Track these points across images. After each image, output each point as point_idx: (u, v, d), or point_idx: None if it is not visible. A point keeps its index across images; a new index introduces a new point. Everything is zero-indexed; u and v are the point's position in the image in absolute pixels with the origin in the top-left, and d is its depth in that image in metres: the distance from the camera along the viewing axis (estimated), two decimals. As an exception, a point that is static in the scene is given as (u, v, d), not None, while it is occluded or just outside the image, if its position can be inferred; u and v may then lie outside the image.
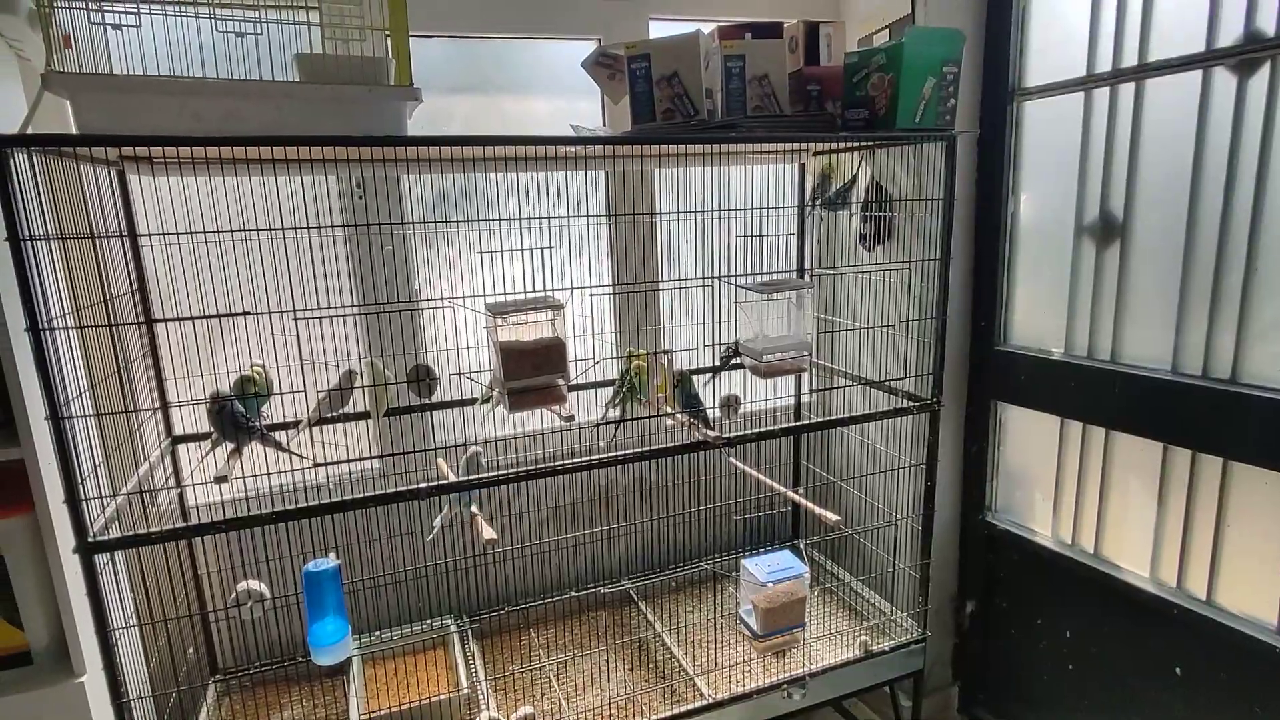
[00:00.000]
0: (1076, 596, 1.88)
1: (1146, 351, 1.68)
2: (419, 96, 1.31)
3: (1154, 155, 1.63)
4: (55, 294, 1.19)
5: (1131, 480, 1.75)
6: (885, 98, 1.58)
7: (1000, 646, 2.14)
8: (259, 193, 1.44)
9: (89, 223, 1.33)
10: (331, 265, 1.78)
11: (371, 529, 1.91)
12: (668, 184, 2.10)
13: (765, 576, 1.89)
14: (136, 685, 1.37)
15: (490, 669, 1.89)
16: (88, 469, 1.21)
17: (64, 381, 1.16)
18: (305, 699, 1.79)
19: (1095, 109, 1.73)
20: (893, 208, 1.96)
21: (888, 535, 2.09)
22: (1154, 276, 1.65)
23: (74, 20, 1.16)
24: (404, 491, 1.40)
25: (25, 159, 1.11)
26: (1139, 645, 1.74)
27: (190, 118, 1.18)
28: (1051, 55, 1.83)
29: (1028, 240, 1.95)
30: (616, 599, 2.20)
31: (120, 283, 1.57)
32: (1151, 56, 1.60)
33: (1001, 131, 1.93)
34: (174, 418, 1.71)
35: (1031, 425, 1.98)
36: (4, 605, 1.34)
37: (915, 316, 1.82)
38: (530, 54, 2.01)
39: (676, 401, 1.64)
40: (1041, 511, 1.98)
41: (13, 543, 1.32)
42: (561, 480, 2.13)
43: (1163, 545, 1.69)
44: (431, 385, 1.56)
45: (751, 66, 1.57)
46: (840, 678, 1.84)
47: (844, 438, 2.32)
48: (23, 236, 1.09)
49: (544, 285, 1.50)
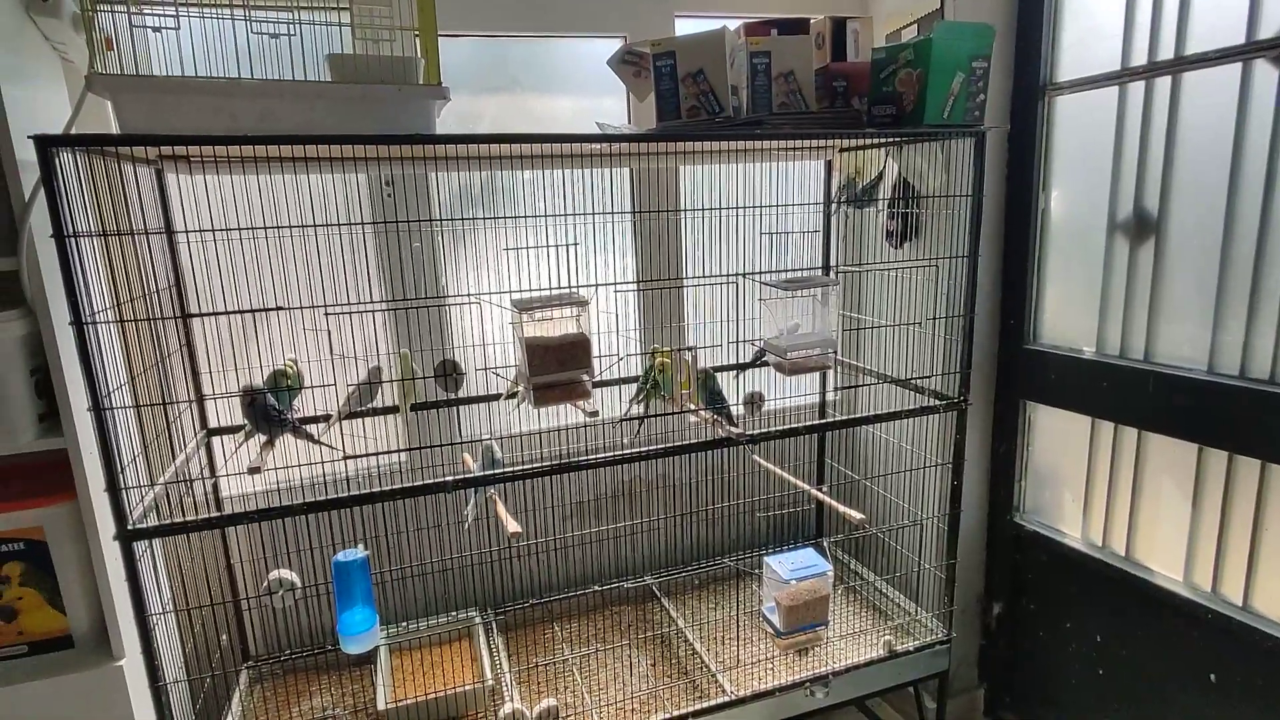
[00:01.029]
0: (1107, 599, 1.85)
1: (1182, 351, 1.65)
2: (447, 95, 1.33)
3: (1191, 150, 1.59)
4: (97, 289, 1.23)
5: (1165, 482, 1.71)
6: (913, 94, 1.56)
7: (1027, 649, 2.11)
8: (290, 191, 1.47)
9: (129, 220, 1.37)
10: (360, 262, 1.81)
11: (398, 521, 1.95)
12: (692, 181, 2.11)
13: (788, 574, 1.89)
14: (173, 670, 1.41)
15: (514, 661, 1.91)
16: (127, 459, 1.25)
17: (105, 374, 1.20)
18: (334, 687, 1.83)
19: (1130, 103, 1.70)
20: (920, 204, 1.94)
21: (913, 535, 2.07)
22: (1190, 274, 1.61)
23: (115, 23, 1.19)
24: (430, 484, 1.42)
25: (70, 158, 1.15)
26: (1171, 650, 1.71)
27: (226, 117, 1.21)
28: (1084, 49, 1.80)
29: (1058, 237, 1.92)
30: (639, 594, 2.21)
31: (156, 278, 1.61)
32: (1189, 49, 1.56)
33: (1032, 127, 1.90)
34: (208, 410, 1.76)
35: (1061, 425, 1.95)
36: (47, 590, 1.39)
37: (942, 314, 1.80)
38: (556, 53, 2.02)
39: (700, 398, 1.65)
40: (1071, 512, 1.95)
41: (56, 529, 1.37)
42: (586, 475, 2.15)
43: (1197, 548, 1.65)
44: (458, 380, 1.58)
45: (777, 63, 1.56)
46: (864, 677, 1.83)
47: (869, 436, 2.30)
48: (67, 233, 1.13)
49: (569, 282, 1.51)
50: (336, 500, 1.37)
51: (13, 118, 1.21)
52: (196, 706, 1.65)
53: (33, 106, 1.30)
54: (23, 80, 1.28)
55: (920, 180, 1.88)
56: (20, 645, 1.39)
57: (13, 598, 1.37)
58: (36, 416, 1.32)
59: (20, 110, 1.24)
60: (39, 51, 1.38)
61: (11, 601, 1.37)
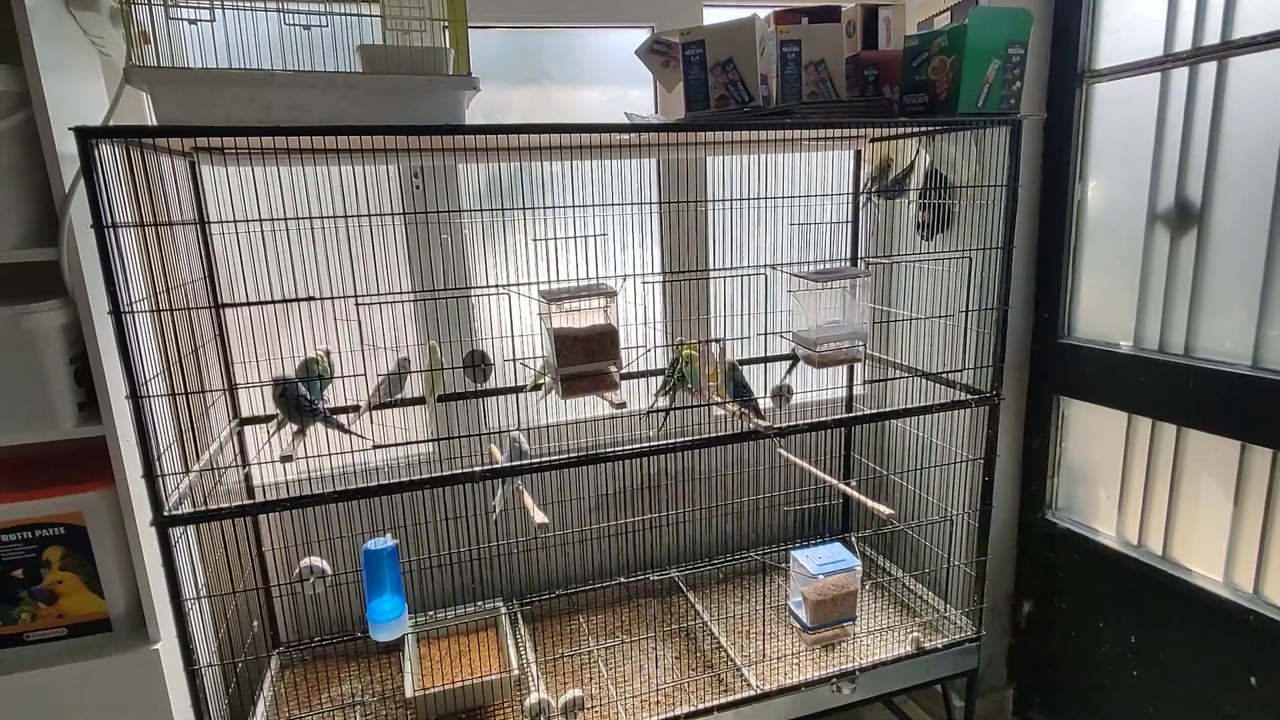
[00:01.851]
0: (1142, 599, 1.81)
1: (1224, 345, 1.60)
2: (477, 85, 1.33)
3: (1237, 138, 1.54)
4: (134, 280, 1.25)
5: (1205, 480, 1.67)
6: (947, 81, 1.54)
7: (1059, 648, 2.07)
8: (322, 181, 1.48)
9: (166, 211, 1.39)
10: (391, 252, 1.82)
11: (425, 511, 1.96)
12: (719, 171, 2.09)
13: (816, 568, 1.87)
14: (206, 654, 1.43)
15: (539, 652, 1.92)
16: (163, 447, 1.27)
17: (143, 363, 1.22)
18: (362, 673, 1.85)
19: (1173, 90, 1.65)
20: (952, 195, 1.91)
21: (942, 531, 2.04)
22: (1234, 265, 1.57)
23: (152, 16, 1.21)
24: (459, 474, 1.43)
25: (109, 150, 1.17)
26: (1210, 653, 1.67)
27: (259, 108, 1.22)
28: (1125, 35, 1.75)
29: (1095, 228, 1.87)
30: (664, 587, 2.20)
31: (189, 269, 1.63)
32: (1236, 34, 1.51)
33: (1069, 115, 1.86)
34: (240, 399, 1.78)
35: (1096, 420, 1.91)
36: (86, 574, 1.42)
37: (974, 307, 1.77)
38: (584, 43, 2.01)
39: (726, 391, 1.63)
40: (1106, 510, 1.91)
41: (95, 515, 1.39)
42: (611, 467, 2.15)
43: (1238, 549, 1.61)
44: (486, 370, 1.59)
45: (808, 52, 1.54)
46: (891, 673, 1.81)
47: (898, 430, 2.28)
48: (106, 224, 1.15)
49: (596, 272, 1.51)
50: (367, 489, 1.38)
51: (53, 110, 1.23)
52: (229, 690, 1.68)
53: (72, 99, 1.33)
54: (63, 74, 1.30)
55: (952, 170, 1.85)
56: (60, 628, 1.43)
57: (53, 581, 1.41)
58: (76, 405, 1.35)
59: (60, 103, 1.26)
60: (77, 45, 1.40)
61: (52, 585, 1.41)
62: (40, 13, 1.23)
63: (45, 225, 1.29)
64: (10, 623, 1.40)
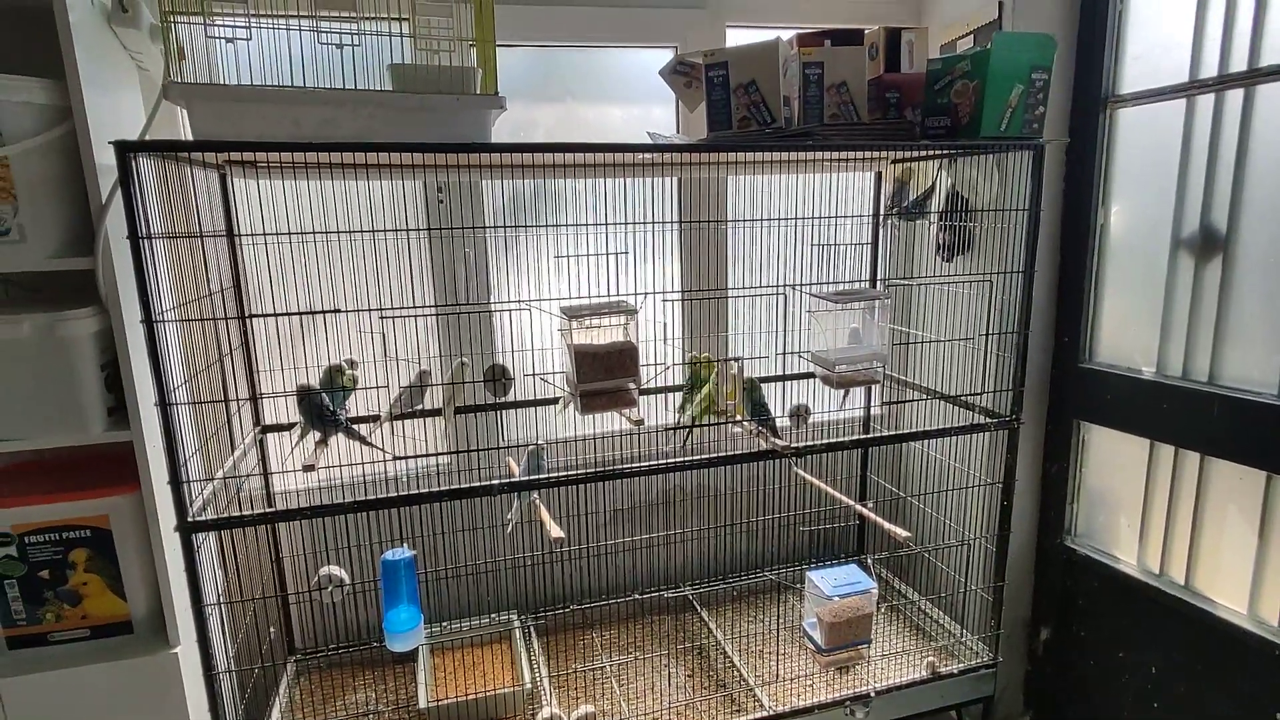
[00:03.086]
0: (1164, 630, 1.78)
1: (1250, 373, 1.58)
2: (504, 105, 1.35)
3: (1263, 165, 1.53)
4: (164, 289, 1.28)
5: (1229, 509, 1.64)
6: (969, 105, 1.54)
7: (1077, 677, 2.04)
8: (349, 196, 1.51)
9: (197, 223, 1.42)
10: (416, 267, 1.85)
11: (442, 523, 1.97)
12: (739, 191, 2.10)
13: (831, 590, 1.86)
14: (224, 659, 1.45)
15: (552, 665, 1.92)
16: (188, 454, 1.29)
17: (171, 371, 1.25)
18: (376, 683, 1.86)
19: (1198, 116, 1.64)
20: (973, 218, 1.90)
21: (959, 555, 2.02)
22: (1260, 292, 1.55)
23: (191, 34, 1.24)
24: (477, 487, 1.44)
25: (145, 163, 1.20)
26: (1234, 686, 1.64)
27: (290, 124, 1.25)
28: (1149, 61, 1.74)
29: (1117, 253, 1.86)
30: (678, 604, 2.20)
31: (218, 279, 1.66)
32: (1264, 61, 1.51)
33: (1092, 140, 1.85)
34: (263, 408, 1.81)
35: (1117, 447, 1.89)
36: (110, 577, 1.44)
37: (995, 330, 1.76)
38: (608, 63, 2.04)
39: (744, 409, 1.64)
40: (1126, 538, 1.89)
41: (120, 519, 1.42)
42: (628, 483, 2.15)
43: (1264, 580, 1.58)
44: (506, 385, 1.60)
45: (830, 74, 1.56)
46: (905, 698, 1.79)
47: (915, 453, 2.26)
48: (142, 234, 1.18)
49: (617, 289, 1.52)
50: (387, 500, 1.39)
51: (93, 124, 1.27)
52: (245, 696, 1.69)
53: (112, 113, 1.37)
54: (103, 88, 1.34)
55: (974, 193, 1.85)
56: (83, 629, 1.45)
57: (78, 583, 1.43)
58: (106, 410, 1.38)
59: (100, 116, 1.30)
60: (117, 61, 1.44)
61: (77, 586, 1.43)
62: (83, 29, 1.27)
63: (82, 235, 1.33)
64: (36, 623, 1.43)
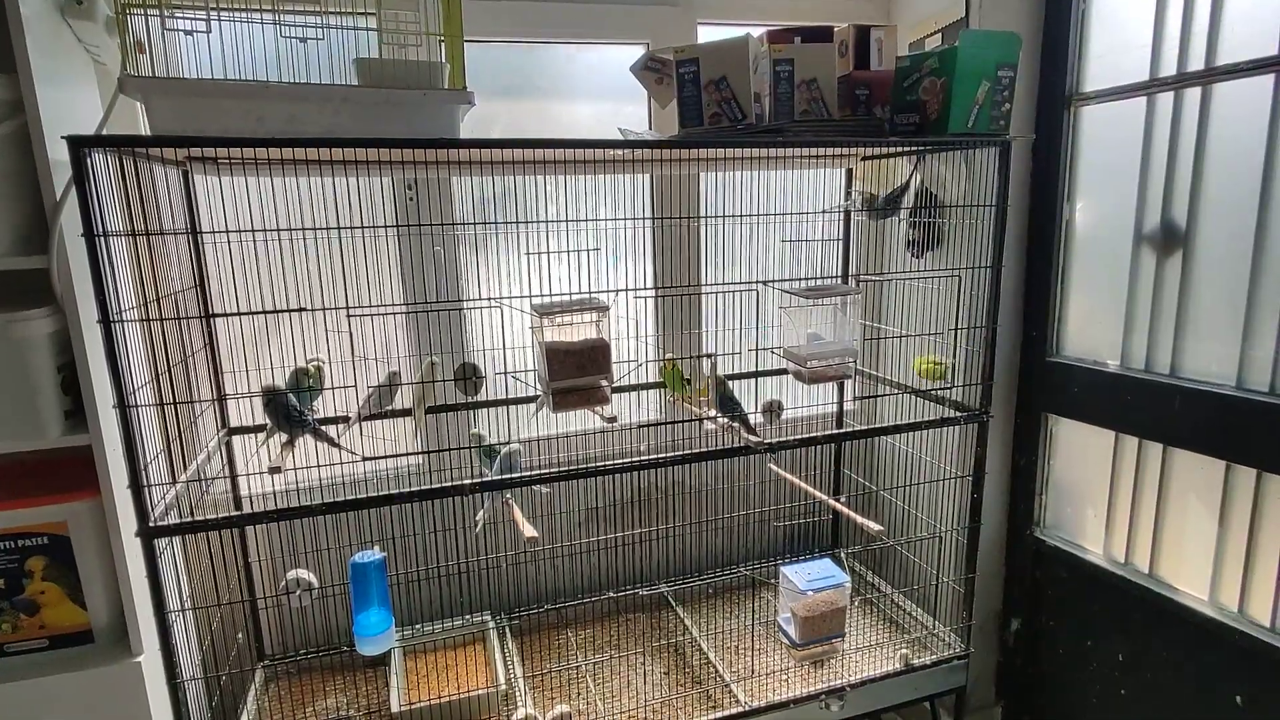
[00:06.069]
0: (1129, 617, 1.82)
1: (1209, 366, 1.62)
2: (472, 100, 1.34)
3: (1221, 162, 1.57)
4: (123, 288, 1.24)
5: (1191, 499, 1.68)
6: (937, 102, 1.56)
7: (1047, 667, 2.08)
8: (314, 193, 1.48)
9: (157, 221, 1.39)
10: (381, 265, 1.82)
11: (413, 524, 1.95)
12: (712, 187, 2.10)
13: (805, 584, 1.87)
14: (189, 667, 1.42)
15: (527, 666, 1.90)
16: (150, 457, 1.26)
17: (131, 372, 1.21)
18: (348, 687, 1.83)
19: (1158, 114, 1.68)
20: (942, 214, 1.93)
21: (931, 547, 2.05)
22: (1219, 287, 1.59)
23: (149, 26, 1.21)
24: (449, 487, 1.42)
25: (101, 159, 1.17)
26: (1196, 671, 1.68)
27: (254, 120, 1.22)
28: (1112, 59, 1.78)
29: (1083, 248, 1.89)
30: (653, 602, 2.20)
31: (180, 278, 1.63)
32: (1220, 60, 1.54)
33: (1058, 137, 1.88)
34: (229, 410, 1.77)
35: (1084, 439, 1.93)
36: (69, 585, 1.40)
37: (964, 325, 1.78)
38: (578, 59, 2.03)
39: (715, 404, 1.64)
40: (1093, 528, 1.92)
41: (79, 525, 1.38)
42: (602, 481, 2.14)
43: (1224, 568, 1.62)
44: (477, 384, 1.59)
45: (800, 70, 1.56)
46: (879, 690, 1.81)
47: (887, 447, 2.28)
48: (97, 232, 1.14)
49: (589, 286, 1.51)
50: (356, 501, 1.37)
51: (46, 118, 1.23)
52: (212, 704, 1.66)
53: (67, 107, 1.33)
54: (57, 82, 1.30)
55: (943, 189, 1.87)
56: (41, 639, 1.41)
57: (35, 592, 1.39)
58: (63, 413, 1.34)
59: (53, 111, 1.26)
60: (72, 54, 1.40)
61: (34, 596, 1.39)
62: (36, 21, 1.23)
63: (36, 232, 1.29)
64: (-10, 634, 1.38)
